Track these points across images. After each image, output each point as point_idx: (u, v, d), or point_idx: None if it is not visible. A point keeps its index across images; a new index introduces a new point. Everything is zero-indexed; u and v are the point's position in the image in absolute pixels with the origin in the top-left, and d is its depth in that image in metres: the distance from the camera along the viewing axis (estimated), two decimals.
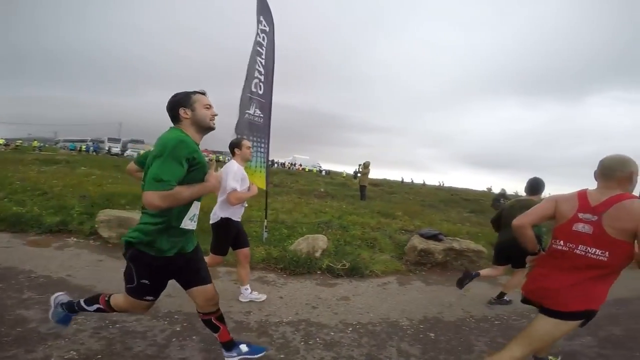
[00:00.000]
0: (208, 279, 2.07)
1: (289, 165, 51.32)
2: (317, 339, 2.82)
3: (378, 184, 26.14)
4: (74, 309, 2.26)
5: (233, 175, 2.98)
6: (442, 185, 48.41)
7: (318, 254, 4.88)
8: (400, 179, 41.84)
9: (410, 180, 43.19)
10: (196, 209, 1.94)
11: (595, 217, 1.71)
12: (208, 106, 1.91)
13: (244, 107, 4.00)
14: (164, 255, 1.82)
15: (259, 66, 4.18)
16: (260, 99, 4.15)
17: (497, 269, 4.02)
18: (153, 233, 1.79)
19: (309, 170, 45.22)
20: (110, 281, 3.58)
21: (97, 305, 2.15)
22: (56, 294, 2.33)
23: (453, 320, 3.47)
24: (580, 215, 1.77)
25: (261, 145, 5.00)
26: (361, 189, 13.25)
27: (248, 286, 3.49)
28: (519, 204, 3.75)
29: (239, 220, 3.28)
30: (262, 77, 4.19)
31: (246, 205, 3.40)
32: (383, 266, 4.96)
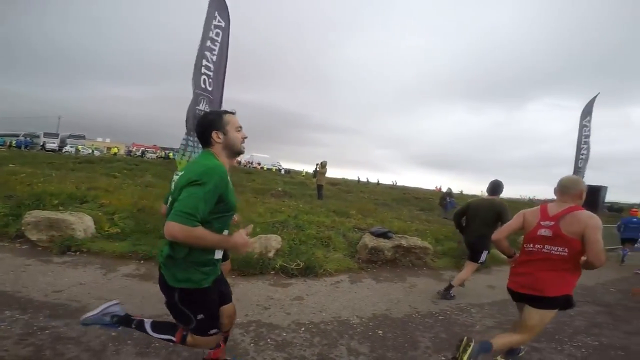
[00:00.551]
0: (230, 296, 2.00)
1: (246, 163, 50.02)
2: (268, 340, 2.79)
3: (336, 183, 26.56)
4: (129, 325, 1.96)
5: None
6: (396, 184, 50.56)
7: (271, 254, 4.82)
8: (357, 179, 42.91)
9: (366, 180, 44.43)
10: None
11: (553, 223, 2.23)
12: (239, 128, 1.80)
13: (194, 103, 3.84)
14: (210, 285, 1.73)
15: (209, 62, 4.03)
16: (209, 95, 4.01)
17: (473, 264, 4.31)
18: (197, 272, 1.67)
19: (268, 169, 44.59)
20: (36, 286, 3.32)
21: (169, 337, 1.87)
22: (107, 303, 2.00)
23: (400, 316, 3.61)
24: (542, 223, 2.29)
25: None
26: (318, 188, 13.38)
27: None
28: (483, 203, 4.20)
29: None
30: (212, 74, 4.05)
31: None
32: (336, 265, 5.05)
